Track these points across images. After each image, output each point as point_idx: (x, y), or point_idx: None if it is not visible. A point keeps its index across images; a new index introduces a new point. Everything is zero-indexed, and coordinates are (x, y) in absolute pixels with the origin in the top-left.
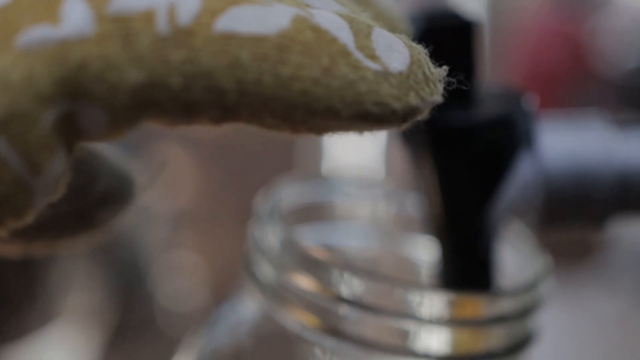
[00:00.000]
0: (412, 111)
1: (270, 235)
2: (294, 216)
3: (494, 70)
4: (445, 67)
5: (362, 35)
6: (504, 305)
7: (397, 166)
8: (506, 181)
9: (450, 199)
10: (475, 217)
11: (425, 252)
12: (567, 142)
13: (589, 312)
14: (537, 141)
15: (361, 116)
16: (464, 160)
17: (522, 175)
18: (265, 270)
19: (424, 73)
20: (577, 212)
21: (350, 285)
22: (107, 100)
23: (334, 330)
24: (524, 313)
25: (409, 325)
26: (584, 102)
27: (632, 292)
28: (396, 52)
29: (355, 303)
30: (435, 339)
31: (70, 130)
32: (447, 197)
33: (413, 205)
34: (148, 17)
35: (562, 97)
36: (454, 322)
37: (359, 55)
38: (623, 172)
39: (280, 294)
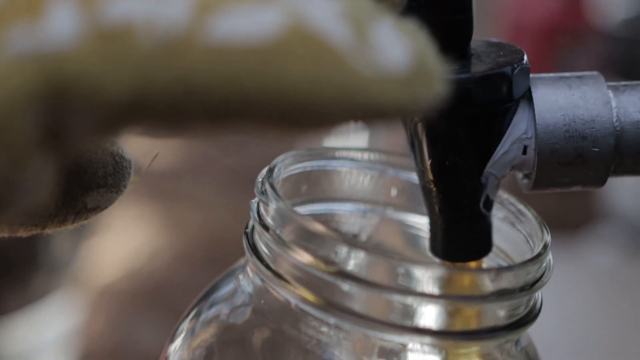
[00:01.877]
0: (415, 106)
1: (269, 208)
2: (293, 187)
3: (485, 24)
4: (446, 58)
5: (362, 30)
6: (506, 280)
7: (397, 137)
8: (502, 137)
9: (445, 158)
10: (471, 175)
11: (424, 222)
12: (563, 97)
13: (585, 266)
14: (533, 96)
15: (365, 115)
16: (459, 117)
17: (518, 131)
18: (265, 244)
19: (427, 67)
20: (573, 169)
21: (349, 259)
22: (89, 111)
23: (332, 304)
24: (526, 287)
25: (408, 300)
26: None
27: (625, 249)
28: (398, 47)
29: (355, 277)
30: (435, 314)
31: (54, 132)
32: (442, 156)
33: (411, 175)
34: (133, 30)
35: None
36: (453, 297)
37: (360, 54)
38: (620, 127)
39: (279, 267)
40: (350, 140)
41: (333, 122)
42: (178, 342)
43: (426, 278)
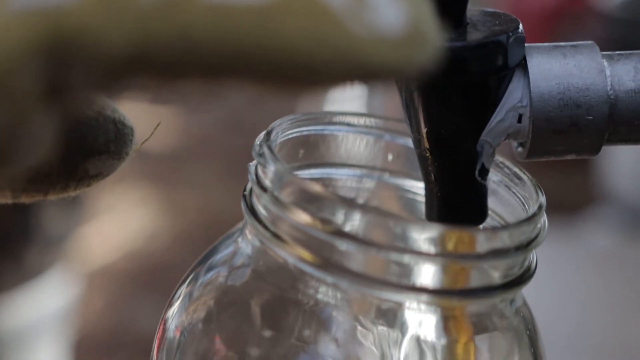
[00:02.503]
0: (410, 68)
1: (268, 170)
2: (290, 151)
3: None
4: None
5: None
6: (501, 239)
7: (394, 104)
8: (497, 105)
9: (441, 126)
10: (466, 143)
11: (420, 187)
12: (558, 66)
13: (584, 248)
14: (528, 64)
15: (360, 76)
16: (454, 85)
17: (513, 99)
18: (263, 205)
19: (422, 30)
20: (567, 137)
21: (347, 219)
22: (90, 65)
23: (330, 263)
24: (521, 247)
25: (406, 259)
26: (578, 36)
27: (623, 231)
28: (394, 9)
29: (352, 236)
30: (432, 273)
31: (56, 86)
32: (437, 124)
33: (408, 140)
34: None
35: (556, 32)
36: (450, 256)
37: (356, 14)
38: (614, 95)
39: (277, 228)
40: (348, 105)
41: (328, 82)
42: (176, 306)
43: (423, 237)
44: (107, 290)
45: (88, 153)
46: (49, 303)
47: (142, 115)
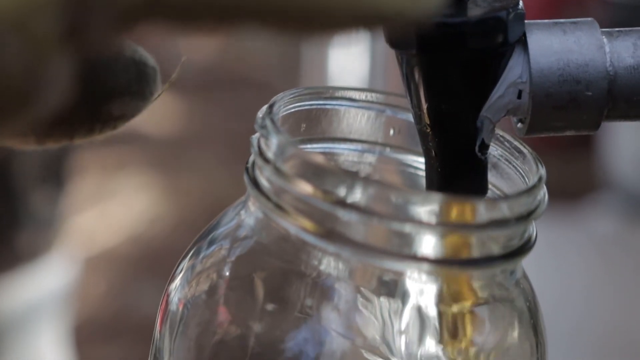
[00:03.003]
0: (415, 11)
1: (270, 142)
2: (292, 125)
3: None
4: None
5: None
6: (501, 210)
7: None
8: (497, 81)
9: (441, 101)
10: (466, 119)
11: (421, 162)
12: (558, 42)
13: (587, 233)
14: (527, 41)
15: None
16: (454, 61)
17: (513, 75)
18: (266, 177)
19: None
20: (567, 113)
21: (349, 190)
22: (109, 5)
23: (332, 233)
24: (521, 218)
25: (407, 229)
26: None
27: (625, 216)
28: None
29: (354, 206)
30: (433, 243)
31: (75, 28)
32: (438, 100)
33: (409, 115)
34: None
35: (557, 14)
36: (450, 226)
37: None
38: (613, 71)
39: (280, 199)
40: (350, 82)
41: (338, 25)
42: (178, 280)
43: (424, 208)
44: (109, 274)
45: (110, 94)
46: (45, 287)
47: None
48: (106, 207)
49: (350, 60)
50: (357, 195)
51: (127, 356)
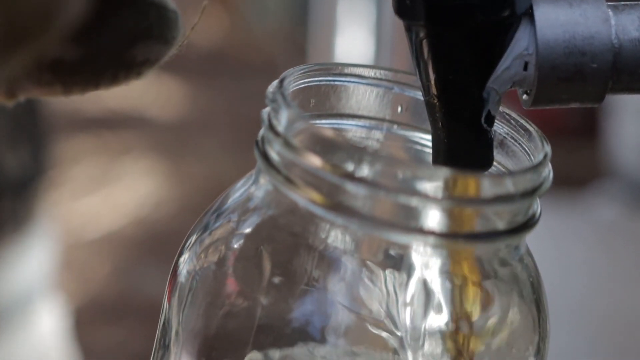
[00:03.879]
0: None
1: (280, 115)
2: (301, 101)
3: None
4: None
5: None
6: (506, 185)
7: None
8: (503, 53)
9: (448, 73)
10: (473, 91)
11: (428, 139)
12: (564, 14)
13: (590, 219)
14: (534, 13)
15: None
16: (462, 32)
17: (519, 47)
18: (276, 150)
19: None
20: (572, 85)
21: (357, 163)
22: None
23: (340, 205)
24: (526, 194)
25: (413, 203)
26: None
27: (627, 204)
28: None
29: (362, 179)
30: (439, 216)
31: None
32: (445, 71)
33: (416, 93)
34: None
35: None
36: (456, 200)
37: None
38: (618, 44)
39: (290, 172)
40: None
41: None
42: (187, 253)
43: (431, 181)
44: (113, 256)
45: (132, 38)
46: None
47: (148, 86)
48: (111, 191)
49: (356, 45)
50: (365, 169)
51: (130, 337)
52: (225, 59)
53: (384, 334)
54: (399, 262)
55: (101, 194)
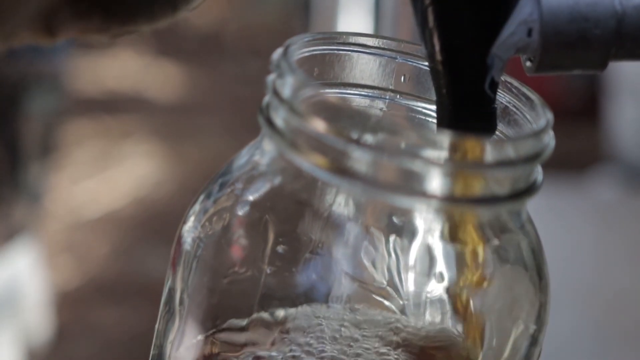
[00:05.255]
0: None
1: (286, 81)
2: (306, 68)
3: None
4: None
5: None
6: (509, 150)
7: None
8: (507, 19)
9: (453, 39)
10: (477, 56)
11: (431, 109)
12: None
13: (590, 200)
14: None
15: None
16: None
17: (522, 13)
18: (280, 116)
19: None
20: (575, 51)
21: (362, 128)
22: None
23: (344, 169)
24: (528, 159)
25: (417, 167)
26: None
27: (625, 186)
28: None
29: (366, 143)
30: (442, 181)
31: None
32: (450, 38)
33: (420, 62)
34: None
35: None
36: (460, 164)
37: None
38: (622, 10)
39: (294, 137)
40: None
41: None
42: (191, 221)
43: (434, 146)
44: (112, 236)
45: None
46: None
47: (147, 68)
48: (111, 173)
49: (357, 28)
50: (370, 133)
51: (130, 316)
52: (225, 41)
53: (387, 302)
54: (402, 227)
55: (101, 176)
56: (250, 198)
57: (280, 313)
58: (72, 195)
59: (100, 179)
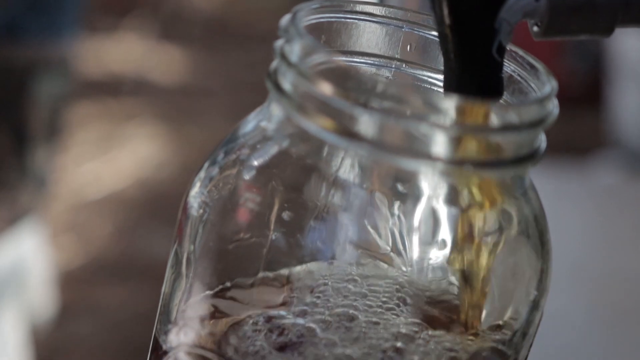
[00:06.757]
0: None
1: (293, 45)
2: (314, 35)
3: None
4: None
5: None
6: (514, 115)
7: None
8: None
9: (460, 4)
10: (485, 21)
11: (437, 78)
12: None
13: (593, 185)
14: None
15: None
16: None
17: None
18: (288, 80)
19: None
20: (582, 16)
21: (369, 91)
22: None
23: (351, 132)
24: (532, 125)
25: (422, 129)
26: None
27: (626, 170)
28: None
29: (373, 106)
30: (447, 144)
31: None
32: (457, 3)
33: (426, 31)
34: None
35: None
36: (465, 127)
37: None
38: None
39: (302, 100)
40: None
41: None
42: (197, 187)
43: (441, 109)
44: (115, 216)
45: None
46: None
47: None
48: (114, 155)
49: None
50: (376, 96)
51: (132, 296)
52: (228, 25)
53: (391, 269)
54: (408, 190)
55: (105, 158)
56: (257, 163)
57: (285, 272)
58: (76, 177)
59: (103, 160)
